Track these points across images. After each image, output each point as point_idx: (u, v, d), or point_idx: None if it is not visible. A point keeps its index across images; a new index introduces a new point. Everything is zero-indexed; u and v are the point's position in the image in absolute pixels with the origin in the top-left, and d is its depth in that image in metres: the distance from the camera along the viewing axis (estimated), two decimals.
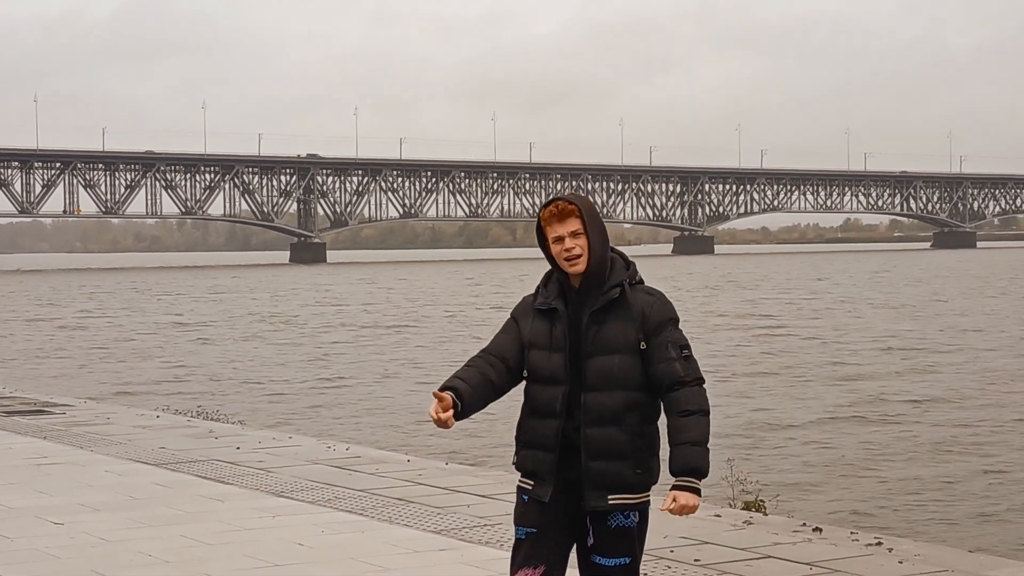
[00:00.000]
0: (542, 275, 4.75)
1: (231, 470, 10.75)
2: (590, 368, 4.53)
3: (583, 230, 4.57)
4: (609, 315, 4.56)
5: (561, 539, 4.64)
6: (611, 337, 4.54)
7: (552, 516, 4.60)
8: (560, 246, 4.57)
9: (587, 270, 4.57)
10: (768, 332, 39.43)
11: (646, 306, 4.58)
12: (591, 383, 4.53)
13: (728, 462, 13.08)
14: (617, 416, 4.53)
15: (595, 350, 4.54)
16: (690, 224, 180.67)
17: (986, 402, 22.41)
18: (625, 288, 4.59)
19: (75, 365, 32.72)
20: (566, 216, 4.57)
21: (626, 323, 4.55)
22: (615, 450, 4.53)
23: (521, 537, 4.64)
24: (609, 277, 4.60)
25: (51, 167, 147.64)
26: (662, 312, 4.59)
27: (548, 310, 4.62)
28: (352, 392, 25.60)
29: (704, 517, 8.61)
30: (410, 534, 8.22)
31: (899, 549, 7.62)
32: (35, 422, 14.08)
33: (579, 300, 4.60)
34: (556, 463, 4.56)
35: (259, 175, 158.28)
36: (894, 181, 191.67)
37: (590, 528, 4.60)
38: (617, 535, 4.60)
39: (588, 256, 4.57)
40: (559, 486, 4.58)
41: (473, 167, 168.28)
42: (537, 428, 4.60)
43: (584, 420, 4.53)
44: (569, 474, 4.57)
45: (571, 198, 4.62)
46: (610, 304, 4.56)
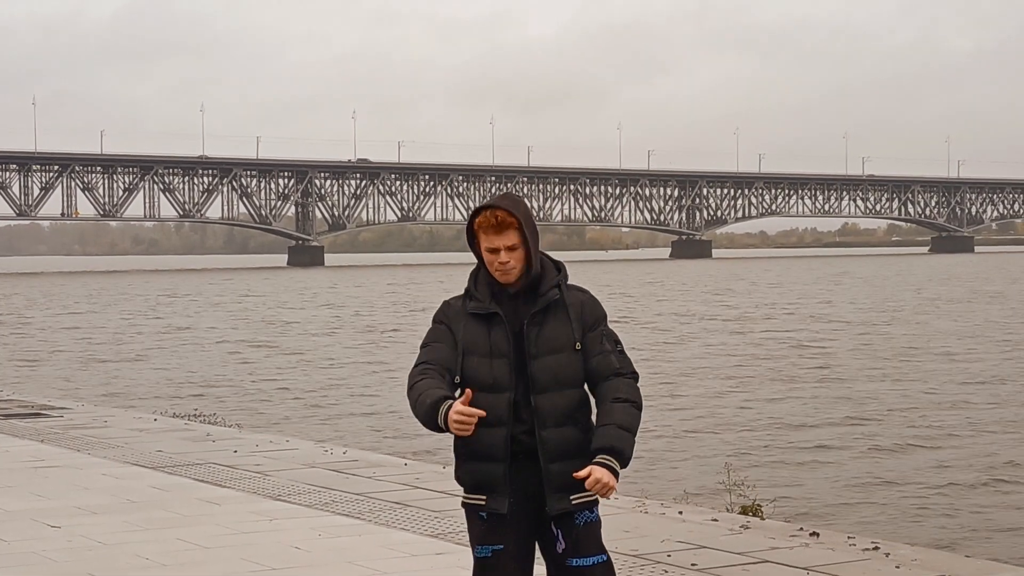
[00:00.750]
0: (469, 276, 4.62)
1: (228, 473, 10.75)
2: (537, 369, 4.44)
3: (520, 243, 4.46)
4: (548, 316, 4.49)
5: (526, 552, 4.55)
6: (553, 337, 4.47)
7: (515, 529, 4.50)
8: (494, 257, 4.45)
9: (520, 279, 4.50)
10: (762, 335, 39.44)
11: (581, 304, 4.53)
12: (541, 385, 4.44)
13: (725, 466, 13.08)
14: (570, 415, 4.47)
15: (539, 351, 4.45)
16: (688, 228, 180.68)
17: (984, 407, 22.41)
18: (562, 288, 4.53)
19: (72, 368, 32.69)
20: (504, 228, 4.44)
21: (564, 322, 4.49)
22: (572, 449, 4.45)
23: (487, 555, 4.51)
24: (543, 280, 4.52)
25: (49, 170, 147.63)
26: (595, 310, 4.55)
27: (485, 315, 4.50)
28: (350, 395, 25.59)
29: (701, 521, 8.62)
30: (407, 538, 8.22)
31: (896, 554, 7.62)
32: (32, 425, 14.07)
33: (513, 303, 4.51)
34: (507, 472, 4.44)
35: (257, 178, 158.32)
36: (892, 185, 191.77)
37: (557, 533, 4.50)
38: (588, 532, 4.51)
39: (523, 268, 4.48)
40: (516, 496, 4.47)
41: (471, 170, 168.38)
42: (482, 438, 4.42)
43: (539, 423, 4.43)
44: (526, 482, 4.47)
45: (509, 206, 4.45)
46: (548, 305, 4.50)
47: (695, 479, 15.67)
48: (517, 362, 4.47)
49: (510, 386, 4.45)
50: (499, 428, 4.44)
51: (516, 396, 4.45)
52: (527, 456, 4.47)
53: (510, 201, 4.50)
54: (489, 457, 4.46)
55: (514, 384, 4.45)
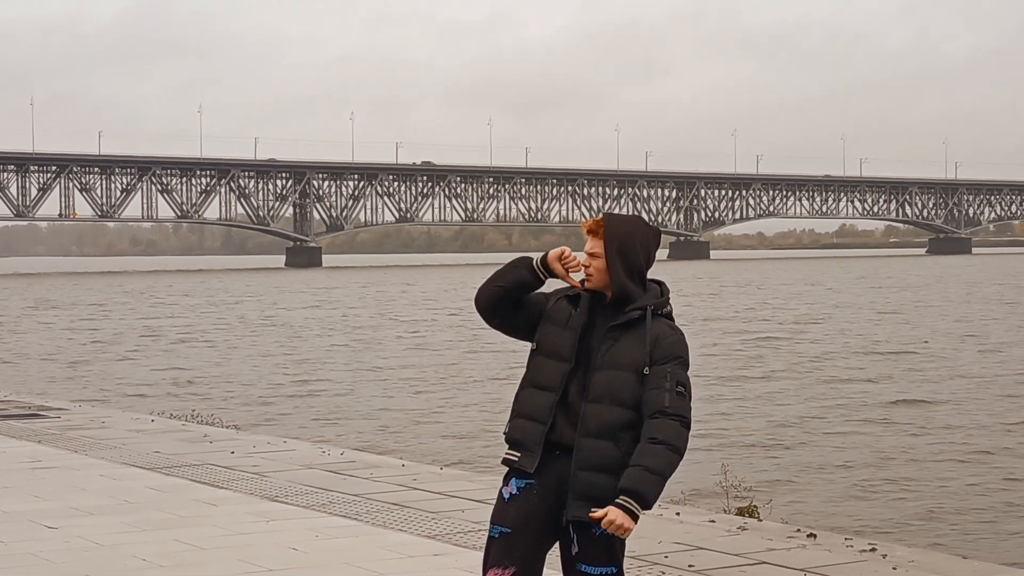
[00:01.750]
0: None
1: (225, 474, 10.75)
2: (595, 381, 4.55)
3: (601, 253, 4.63)
4: (624, 334, 4.59)
5: (536, 541, 4.61)
6: (621, 355, 4.56)
7: (529, 518, 4.58)
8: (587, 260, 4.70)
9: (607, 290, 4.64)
10: (758, 338, 39.46)
11: (661, 335, 4.60)
12: (593, 395, 4.54)
13: (722, 468, 13.09)
14: (613, 431, 4.53)
15: (603, 364, 4.56)
16: (686, 229, 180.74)
17: (982, 408, 22.43)
18: (647, 313, 4.62)
19: (70, 369, 32.68)
20: (592, 234, 4.68)
21: (638, 345, 4.56)
22: (605, 464, 4.52)
23: (494, 536, 4.62)
24: (632, 296, 4.65)
25: (47, 170, 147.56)
26: (674, 347, 4.60)
27: (575, 296, 4.68)
28: (347, 397, 25.59)
29: (698, 523, 8.63)
30: (404, 539, 8.22)
31: (893, 555, 7.63)
32: (30, 426, 14.07)
33: (601, 311, 4.67)
34: (545, 435, 4.57)
35: (255, 179, 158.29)
36: (890, 187, 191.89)
37: (574, 536, 4.58)
38: (601, 544, 4.58)
39: (603, 279, 4.63)
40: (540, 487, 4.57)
41: (469, 171, 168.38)
42: (533, 398, 4.62)
43: (581, 430, 4.53)
44: (553, 478, 4.57)
45: (609, 217, 4.70)
46: (628, 323, 4.60)
47: (692, 480, 15.67)
48: (583, 368, 4.61)
49: (570, 359, 4.59)
50: (549, 393, 4.60)
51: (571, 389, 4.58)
52: (563, 453, 4.58)
53: (616, 217, 4.73)
54: (533, 417, 4.61)
55: (575, 359, 4.60)
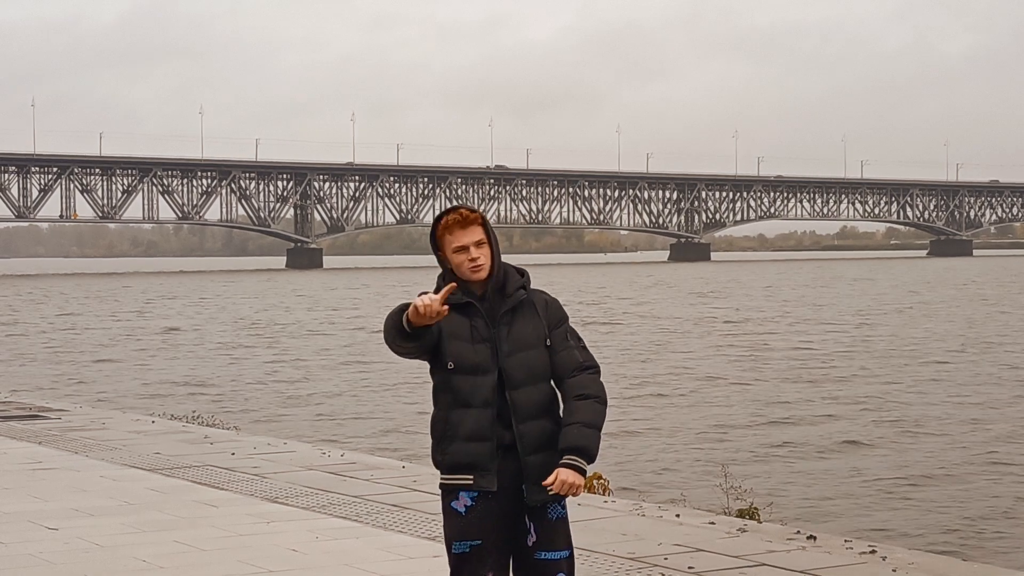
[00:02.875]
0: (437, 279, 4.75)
1: (226, 476, 10.75)
2: (512, 365, 4.61)
3: (486, 239, 4.67)
4: (516, 315, 4.67)
5: (505, 545, 4.66)
6: (525, 334, 4.65)
7: (496, 522, 4.60)
8: (464, 255, 4.64)
9: (489, 278, 4.68)
10: (755, 339, 39.47)
11: (546, 304, 4.73)
12: (516, 380, 4.61)
13: (722, 469, 13.10)
14: (545, 408, 4.64)
15: (512, 348, 4.63)
16: (687, 231, 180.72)
17: (979, 409, 22.43)
18: (527, 289, 4.73)
19: (70, 370, 32.69)
20: (469, 224, 4.66)
21: (534, 320, 4.68)
22: (549, 441, 4.61)
23: (465, 551, 4.60)
24: (507, 282, 4.71)
25: (48, 171, 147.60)
26: (559, 310, 4.76)
27: (464, 304, 4.65)
28: (348, 398, 25.59)
29: (698, 524, 8.63)
30: (404, 540, 8.23)
31: (893, 557, 7.63)
32: (30, 427, 14.07)
33: (484, 303, 4.69)
34: (495, 451, 4.58)
35: (256, 180, 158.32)
36: (891, 189, 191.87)
37: (530, 525, 4.62)
38: (558, 526, 4.66)
39: (491, 265, 4.67)
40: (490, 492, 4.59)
41: (470, 173, 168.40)
42: (467, 419, 4.60)
43: (516, 417, 4.58)
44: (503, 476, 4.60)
45: (472, 207, 4.72)
46: (517, 304, 4.68)
47: (692, 482, 15.68)
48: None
49: (493, 368, 4.61)
50: (485, 409, 4.61)
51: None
52: (504, 450, 4.61)
53: (470, 206, 4.75)
54: (477, 437, 4.60)
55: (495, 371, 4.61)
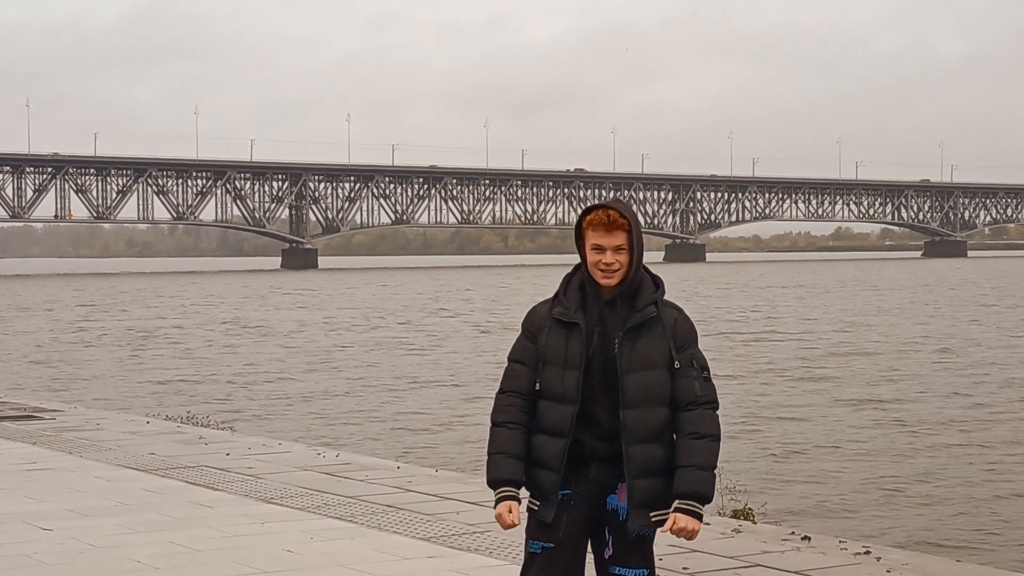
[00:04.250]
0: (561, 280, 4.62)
1: (221, 476, 10.75)
2: (629, 384, 4.45)
3: (627, 246, 4.48)
4: (643, 331, 4.48)
5: (577, 551, 4.59)
6: (648, 353, 4.47)
7: (571, 528, 4.54)
8: (599, 256, 4.47)
9: (621, 286, 4.50)
10: (749, 337, 39.49)
11: (675, 323, 4.53)
12: (631, 400, 4.45)
13: (717, 469, 13.09)
14: (658, 433, 4.49)
15: (632, 366, 4.45)
16: (682, 232, 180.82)
17: (973, 410, 22.44)
18: (659, 305, 4.53)
19: (66, 370, 32.66)
20: (614, 228, 4.46)
21: (661, 340, 4.48)
22: (657, 467, 4.48)
23: (536, 552, 4.57)
24: (640, 293, 4.53)
25: (43, 172, 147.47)
26: (688, 330, 4.55)
27: (568, 323, 4.50)
28: (343, 399, 25.59)
29: None
30: (399, 541, 8.23)
31: (887, 558, 7.64)
32: (25, 427, 14.06)
33: (608, 314, 4.51)
34: (559, 482, 4.49)
35: (251, 181, 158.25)
36: (885, 190, 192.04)
37: (609, 539, 4.54)
38: (637, 544, 4.54)
39: (625, 273, 4.49)
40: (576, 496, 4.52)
41: (465, 174, 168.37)
42: (545, 447, 4.51)
43: (627, 438, 4.44)
44: (588, 485, 4.53)
45: (623, 209, 4.49)
46: (645, 321, 4.49)
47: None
48: (602, 375, 4.48)
49: (576, 399, 4.46)
50: (559, 439, 4.50)
51: (593, 408, 4.48)
52: (599, 462, 4.52)
53: (623, 204, 4.53)
54: (545, 465, 4.52)
55: (588, 396, 4.47)
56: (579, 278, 4.57)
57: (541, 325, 4.56)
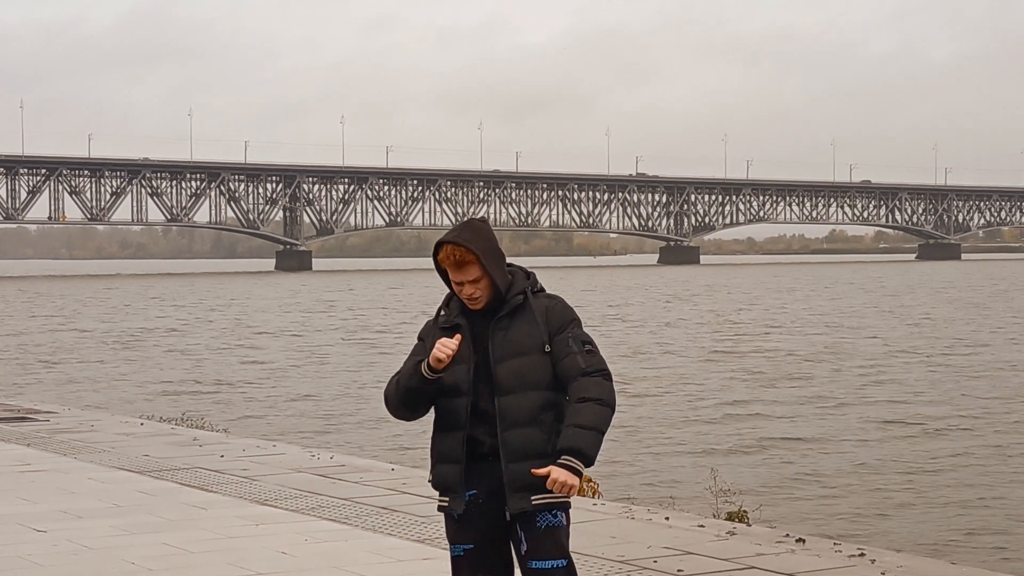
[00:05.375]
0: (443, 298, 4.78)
1: (215, 478, 10.74)
2: (501, 372, 4.57)
3: (483, 274, 4.60)
4: (513, 320, 4.62)
5: (500, 549, 4.66)
6: (518, 340, 4.59)
7: (486, 527, 4.62)
8: (460, 290, 4.63)
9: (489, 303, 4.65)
10: (743, 343, 39.52)
11: (548, 309, 4.65)
12: (505, 387, 4.56)
13: (711, 472, 13.11)
14: (533, 416, 4.56)
15: (504, 354, 4.58)
16: (676, 234, 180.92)
17: (968, 413, 22.46)
18: (528, 295, 4.65)
19: (60, 372, 32.62)
20: (464, 264, 4.58)
21: (531, 326, 4.61)
22: (534, 450, 4.54)
23: (459, 555, 4.67)
24: (509, 290, 4.66)
25: (36, 173, 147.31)
26: (563, 314, 4.66)
27: (451, 327, 4.65)
28: (337, 401, 25.58)
29: (687, 527, 8.64)
30: (393, 543, 8.23)
31: (881, 560, 7.65)
32: (19, 429, 14.04)
33: (482, 315, 4.66)
34: (463, 474, 4.58)
35: (245, 183, 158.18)
36: (880, 193, 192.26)
37: (521, 534, 4.59)
38: (548, 535, 4.58)
39: (490, 293, 4.63)
40: (482, 495, 4.60)
41: (459, 176, 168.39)
42: (444, 442, 4.64)
43: (501, 425, 4.55)
44: (491, 482, 4.58)
45: (466, 242, 4.57)
46: (514, 310, 4.63)
47: (681, 485, 15.70)
48: (483, 368, 4.60)
49: (469, 392, 4.59)
50: (457, 431, 4.61)
51: (479, 400, 4.59)
52: (494, 457, 4.59)
53: (468, 234, 4.61)
54: (448, 459, 4.63)
55: (473, 390, 4.59)
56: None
57: (431, 331, 4.74)
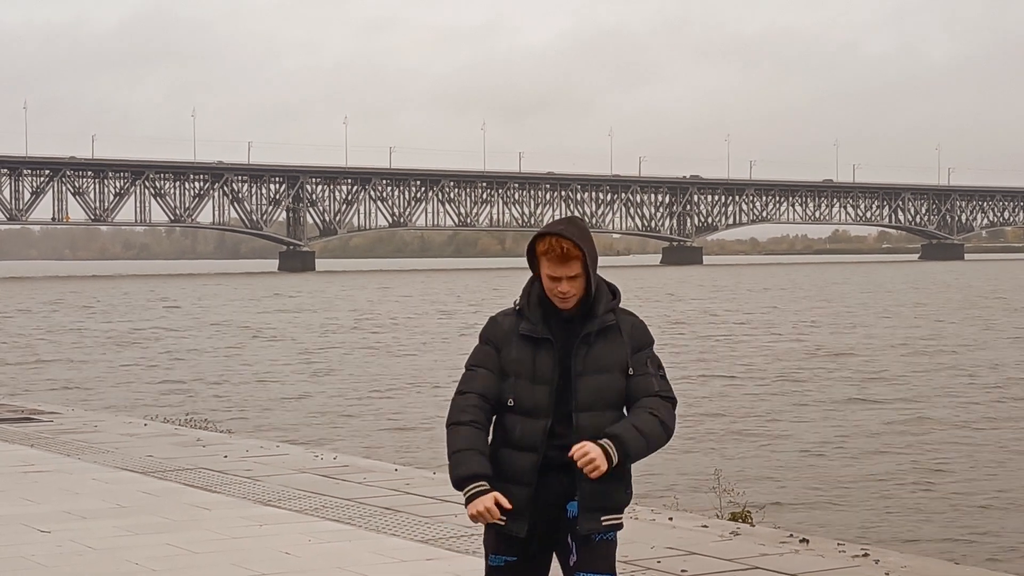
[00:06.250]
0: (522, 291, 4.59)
1: (218, 478, 10.74)
2: (582, 387, 4.44)
3: (582, 273, 4.46)
4: (600, 337, 4.49)
5: (542, 561, 4.58)
6: (602, 357, 4.47)
7: (530, 542, 4.52)
8: (556, 285, 4.46)
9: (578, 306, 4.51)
10: (744, 340, 39.49)
11: (632, 327, 4.55)
12: (584, 403, 4.43)
13: (715, 473, 13.10)
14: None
15: (586, 370, 4.45)
16: (679, 235, 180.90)
17: (972, 413, 22.45)
18: (617, 313, 4.55)
19: (64, 373, 32.63)
20: (569, 259, 4.43)
21: (617, 345, 4.50)
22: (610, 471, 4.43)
23: (499, 565, 4.54)
24: (598, 303, 4.52)
25: (40, 174, 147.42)
26: (644, 335, 4.58)
27: (536, 339, 4.49)
28: (340, 401, 25.57)
29: (691, 528, 8.64)
30: (397, 543, 8.22)
31: (886, 561, 7.64)
32: (23, 430, 14.04)
33: (565, 325, 4.51)
34: (532, 498, 4.45)
35: (248, 183, 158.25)
36: (882, 193, 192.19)
37: (572, 546, 4.50)
38: (600, 550, 4.51)
39: (582, 296, 4.50)
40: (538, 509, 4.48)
41: (462, 176, 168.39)
42: (514, 462, 4.45)
43: (577, 440, 4.40)
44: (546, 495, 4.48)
45: (576, 237, 4.43)
46: (604, 328, 4.50)
47: (685, 485, 15.69)
48: (561, 383, 4.47)
49: (548, 413, 4.45)
50: (531, 454, 4.46)
51: (556, 422, 4.46)
52: (555, 471, 4.47)
53: (576, 230, 4.48)
54: (517, 480, 4.46)
55: (552, 410, 4.45)
56: (538, 291, 4.55)
57: (507, 338, 4.53)
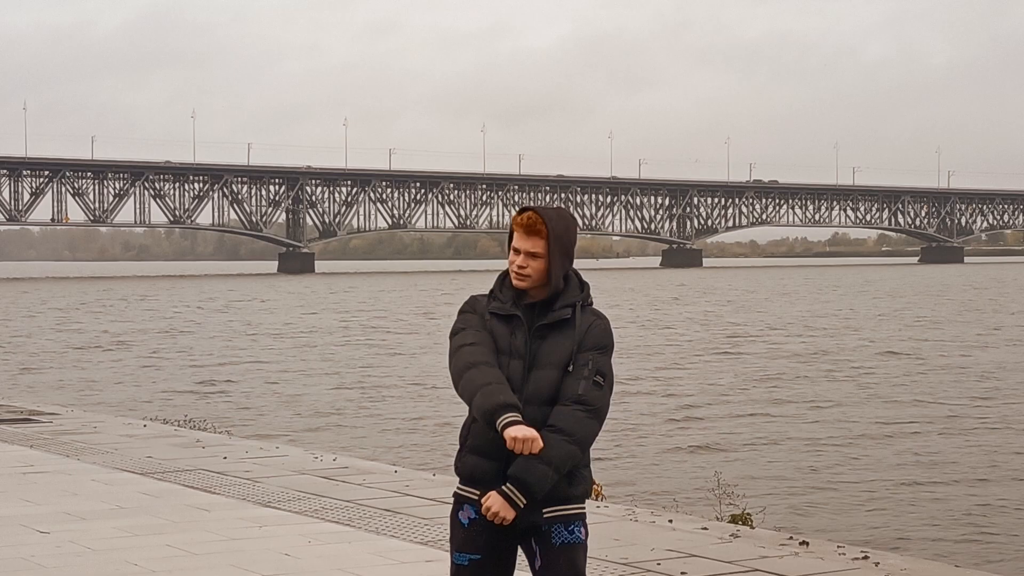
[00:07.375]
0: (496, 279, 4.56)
1: (218, 480, 10.73)
2: (529, 381, 4.38)
3: (543, 253, 4.39)
4: (552, 331, 4.41)
5: (507, 560, 4.49)
6: (549, 353, 4.39)
7: (496, 538, 4.43)
8: (516, 258, 4.41)
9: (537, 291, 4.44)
10: (742, 345, 39.50)
11: (589, 327, 4.44)
12: (526, 396, 4.36)
13: (715, 475, 13.11)
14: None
15: (535, 363, 4.40)
16: (679, 237, 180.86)
17: (971, 417, 22.45)
18: (576, 310, 4.44)
19: (63, 374, 32.63)
20: (532, 233, 4.38)
21: (567, 341, 4.40)
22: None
23: (463, 564, 4.47)
24: (562, 296, 4.45)
25: (40, 175, 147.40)
26: (600, 337, 4.44)
27: (509, 316, 4.44)
28: (339, 403, 25.57)
29: (691, 530, 8.63)
30: (397, 545, 8.22)
31: (885, 563, 7.64)
32: (22, 430, 14.04)
33: (529, 313, 4.45)
34: (501, 472, 4.35)
35: (248, 185, 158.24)
36: (882, 195, 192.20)
37: (536, 549, 4.42)
38: (562, 553, 4.40)
39: (541, 280, 4.42)
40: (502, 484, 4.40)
41: (462, 178, 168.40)
42: (487, 434, 4.36)
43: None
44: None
45: (547, 215, 4.40)
46: (557, 323, 4.42)
47: (685, 488, 15.69)
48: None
49: (520, 388, 4.38)
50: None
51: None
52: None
53: (553, 213, 4.43)
54: (488, 454, 4.41)
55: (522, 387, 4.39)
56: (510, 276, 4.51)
57: (484, 314, 4.48)
